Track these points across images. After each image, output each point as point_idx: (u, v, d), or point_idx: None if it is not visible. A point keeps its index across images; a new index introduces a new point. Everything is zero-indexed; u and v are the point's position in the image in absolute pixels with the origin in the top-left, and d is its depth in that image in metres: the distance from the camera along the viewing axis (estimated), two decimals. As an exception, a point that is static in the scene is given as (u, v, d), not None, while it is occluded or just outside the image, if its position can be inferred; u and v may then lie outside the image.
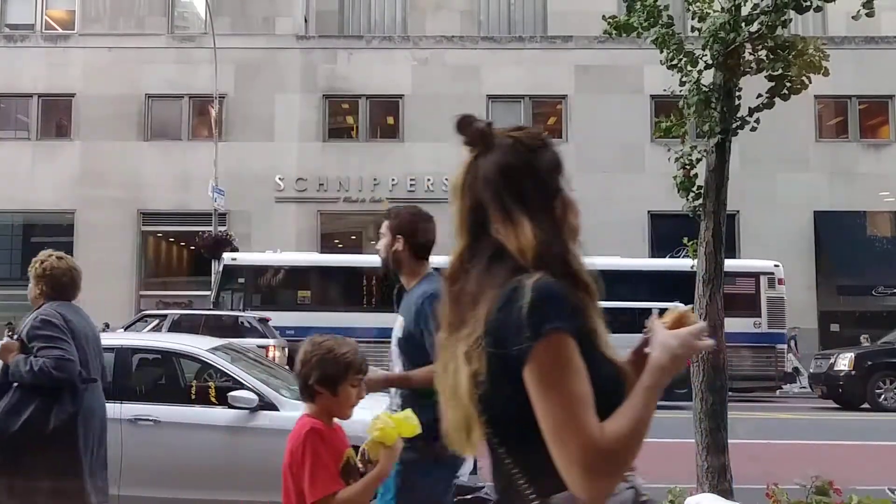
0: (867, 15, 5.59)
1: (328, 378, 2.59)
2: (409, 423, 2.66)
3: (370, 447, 2.62)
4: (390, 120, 24.90)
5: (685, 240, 6.66)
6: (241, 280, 19.86)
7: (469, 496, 4.91)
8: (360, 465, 2.65)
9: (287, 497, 2.58)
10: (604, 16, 7.23)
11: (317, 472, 2.48)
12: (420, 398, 3.39)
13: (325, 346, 2.63)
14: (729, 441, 5.47)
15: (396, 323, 3.60)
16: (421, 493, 3.43)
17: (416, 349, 3.40)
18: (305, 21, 25.81)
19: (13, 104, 25.09)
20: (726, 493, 5.36)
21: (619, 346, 1.57)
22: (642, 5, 6.26)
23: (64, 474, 4.01)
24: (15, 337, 4.19)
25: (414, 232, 3.59)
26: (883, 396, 16.90)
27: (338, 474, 2.56)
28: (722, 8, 5.74)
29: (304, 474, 2.48)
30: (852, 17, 5.67)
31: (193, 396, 6.57)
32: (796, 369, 20.73)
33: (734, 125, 5.83)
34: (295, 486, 2.54)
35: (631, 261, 20.04)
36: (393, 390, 3.63)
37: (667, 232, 19.62)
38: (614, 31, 7.05)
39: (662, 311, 1.67)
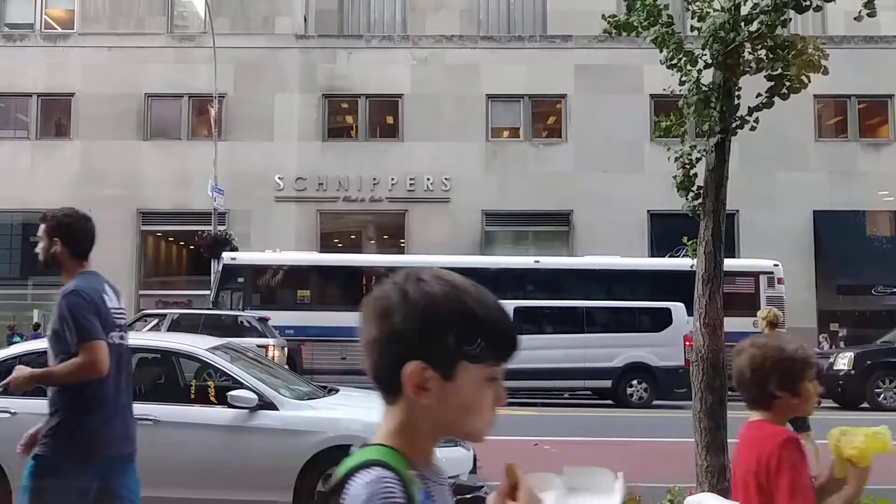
0: (869, 15, 5.58)
1: (789, 379, 2.48)
2: (881, 438, 2.40)
3: (838, 464, 2.42)
4: (390, 119, 24.88)
5: (685, 239, 6.66)
6: (241, 279, 19.84)
7: (469, 496, 4.91)
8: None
9: (748, 501, 2.46)
10: (604, 15, 7.20)
11: (798, 488, 2.34)
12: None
13: (773, 346, 2.52)
14: (729, 440, 5.47)
15: None
16: (52, 493, 3.34)
17: (60, 344, 3.50)
18: (305, 20, 25.81)
19: (13, 104, 25.07)
20: (726, 492, 5.35)
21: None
22: (642, 4, 6.25)
23: None
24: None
25: (71, 233, 3.70)
26: (882, 396, 16.91)
27: (814, 491, 2.41)
28: (722, 7, 5.73)
29: (782, 487, 2.34)
30: (854, 18, 5.66)
31: (193, 396, 6.56)
32: None
33: (734, 124, 5.83)
34: (760, 495, 2.39)
35: (631, 260, 20.07)
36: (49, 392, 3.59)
37: (666, 231, 19.64)
38: (614, 31, 7.02)
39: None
